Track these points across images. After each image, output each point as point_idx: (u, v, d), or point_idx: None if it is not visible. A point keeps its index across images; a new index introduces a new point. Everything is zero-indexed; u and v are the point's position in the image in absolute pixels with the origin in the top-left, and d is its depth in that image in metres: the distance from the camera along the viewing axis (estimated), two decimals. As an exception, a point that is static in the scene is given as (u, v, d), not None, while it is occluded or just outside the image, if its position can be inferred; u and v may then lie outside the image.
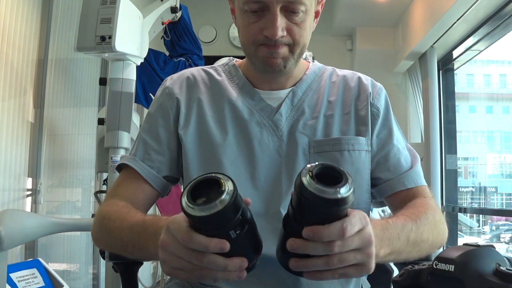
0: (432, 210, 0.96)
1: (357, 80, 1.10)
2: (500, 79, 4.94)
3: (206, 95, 1.07)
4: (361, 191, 1.02)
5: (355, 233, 0.70)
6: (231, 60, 1.16)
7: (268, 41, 0.96)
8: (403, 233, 0.86)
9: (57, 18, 2.76)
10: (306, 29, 0.98)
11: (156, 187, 1.06)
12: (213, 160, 1.01)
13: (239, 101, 1.05)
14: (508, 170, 4.85)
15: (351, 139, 1.02)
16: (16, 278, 1.79)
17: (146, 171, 1.05)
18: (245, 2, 0.95)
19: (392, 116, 1.09)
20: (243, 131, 1.03)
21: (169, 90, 1.09)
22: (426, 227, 0.91)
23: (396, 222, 0.86)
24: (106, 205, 1.03)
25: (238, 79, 1.09)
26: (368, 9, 4.21)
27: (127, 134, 2.19)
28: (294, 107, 1.05)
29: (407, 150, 1.09)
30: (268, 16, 0.95)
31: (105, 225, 0.98)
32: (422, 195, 1.02)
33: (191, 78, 1.10)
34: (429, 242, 0.93)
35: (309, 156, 1.01)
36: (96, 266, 3.21)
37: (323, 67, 1.14)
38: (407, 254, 0.90)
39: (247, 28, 0.98)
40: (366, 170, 1.04)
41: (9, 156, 2.31)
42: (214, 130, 1.03)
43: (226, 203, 0.65)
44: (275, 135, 1.03)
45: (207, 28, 4.78)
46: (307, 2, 0.95)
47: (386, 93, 1.11)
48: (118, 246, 0.95)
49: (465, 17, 3.25)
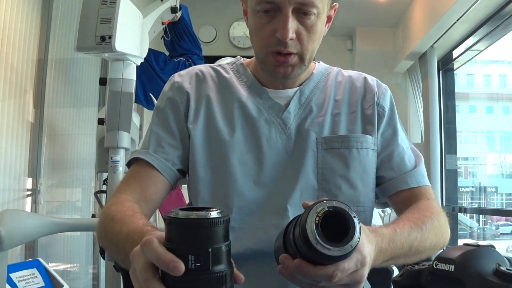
0: (437, 214, 0.96)
1: (363, 80, 1.12)
2: (500, 79, 4.94)
3: (214, 92, 1.08)
4: (367, 190, 1.03)
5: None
6: (239, 59, 1.16)
7: (279, 44, 0.96)
8: (407, 242, 0.86)
9: (57, 18, 2.76)
10: (316, 33, 0.99)
11: (169, 179, 1.04)
12: (221, 156, 1.01)
13: (247, 99, 1.06)
14: (508, 170, 4.85)
15: (359, 137, 1.03)
16: (16, 278, 1.79)
17: (161, 164, 1.03)
18: (258, 2, 0.96)
19: (396, 116, 1.10)
20: (252, 128, 1.03)
21: (178, 85, 1.09)
22: (430, 234, 0.91)
23: (403, 231, 0.86)
24: (113, 203, 1.01)
25: (246, 78, 1.10)
26: (368, 9, 4.21)
27: (127, 134, 2.19)
28: (302, 105, 1.06)
29: (411, 150, 1.10)
30: (279, 17, 0.95)
31: (107, 226, 0.97)
32: (426, 197, 1.03)
33: (200, 74, 1.11)
34: (431, 247, 0.93)
35: (317, 153, 1.01)
36: (96, 266, 3.21)
37: (329, 68, 1.15)
38: (406, 259, 0.91)
39: (259, 31, 0.99)
40: (372, 169, 1.04)
41: (9, 156, 2.31)
42: (222, 127, 1.03)
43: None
44: (284, 133, 1.03)
45: (207, 28, 4.77)
46: (320, 5, 0.96)
47: (391, 93, 1.12)
48: (113, 250, 0.93)
49: (465, 17, 3.25)
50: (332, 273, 0.68)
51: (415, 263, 0.89)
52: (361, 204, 1.01)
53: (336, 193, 0.99)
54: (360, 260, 0.71)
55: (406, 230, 0.87)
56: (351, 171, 1.00)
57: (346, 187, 1.00)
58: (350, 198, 0.99)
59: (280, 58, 0.98)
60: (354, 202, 1.00)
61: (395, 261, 0.87)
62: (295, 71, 1.01)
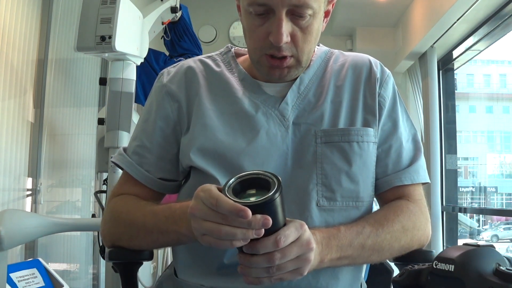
0: (404, 217, 0.96)
1: (366, 63, 1.07)
2: (500, 79, 4.94)
3: (205, 89, 1.04)
4: (367, 184, 1.00)
5: (292, 242, 0.75)
6: (230, 50, 1.11)
7: (273, 48, 0.93)
8: (357, 240, 0.89)
9: (57, 18, 2.76)
10: (312, 33, 0.95)
11: (156, 189, 1.05)
12: (219, 154, 0.97)
13: (241, 95, 1.02)
14: (508, 170, 4.85)
15: (360, 130, 0.99)
16: (16, 278, 1.79)
17: (143, 176, 1.03)
18: (250, 4, 0.92)
19: (398, 106, 1.06)
20: (250, 124, 0.99)
21: (167, 90, 1.05)
22: (388, 235, 0.93)
23: (351, 229, 0.90)
24: (115, 202, 1.03)
25: (237, 72, 1.06)
26: (368, 9, 4.21)
27: (127, 134, 2.18)
28: (301, 95, 1.02)
29: (412, 141, 1.06)
30: (273, 20, 0.91)
31: (123, 219, 0.98)
32: (407, 197, 1.01)
33: (189, 73, 1.07)
34: (394, 249, 0.94)
35: (317, 147, 0.98)
36: (96, 266, 3.21)
37: (329, 51, 1.10)
38: (365, 259, 0.94)
39: (252, 33, 0.96)
40: (372, 163, 1.01)
41: (9, 156, 2.31)
42: (218, 127, 0.99)
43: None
44: (282, 125, 0.99)
45: (207, 28, 4.77)
46: (315, 5, 0.92)
47: (393, 80, 1.08)
48: (141, 235, 0.96)
49: (465, 17, 3.25)
50: (276, 239, 0.73)
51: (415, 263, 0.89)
52: (360, 199, 0.99)
53: (335, 188, 0.96)
54: (299, 226, 0.76)
55: (355, 229, 0.90)
56: (352, 165, 0.97)
57: (346, 181, 0.97)
58: (350, 193, 0.97)
59: (275, 61, 0.95)
60: (354, 197, 0.98)
61: (351, 260, 0.90)
62: (291, 72, 0.98)
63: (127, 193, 1.04)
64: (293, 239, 0.75)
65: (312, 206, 0.95)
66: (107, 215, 1.03)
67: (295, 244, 0.76)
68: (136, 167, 1.04)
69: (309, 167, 0.97)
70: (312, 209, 0.95)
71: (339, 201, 0.97)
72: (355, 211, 0.98)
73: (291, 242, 0.75)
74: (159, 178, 1.04)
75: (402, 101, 1.08)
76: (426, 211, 1.02)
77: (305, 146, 0.98)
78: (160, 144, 1.04)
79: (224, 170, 0.96)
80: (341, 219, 0.95)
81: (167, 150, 1.04)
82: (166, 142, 1.04)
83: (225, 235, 0.72)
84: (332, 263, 0.88)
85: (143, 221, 0.94)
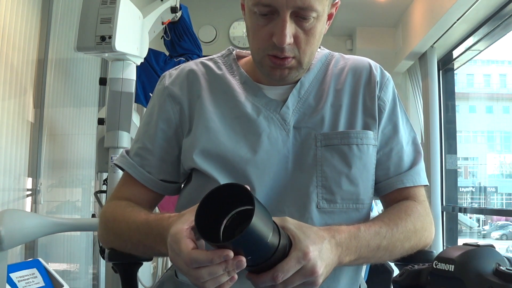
0: (414, 217, 0.96)
1: (366, 67, 1.07)
2: (500, 79, 4.94)
3: (207, 91, 1.04)
4: (367, 187, 1.01)
5: (294, 273, 0.74)
6: (231, 52, 1.11)
7: (276, 48, 0.93)
8: (374, 241, 0.88)
9: (57, 18, 2.76)
10: (315, 35, 0.95)
11: (156, 190, 1.05)
12: (222, 158, 0.97)
13: (243, 98, 1.02)
14: (508, 170, 4.85)
15: (360, 133, 1.00)
16: (16, 278, 1.78)
17: (145, 177, 1.03)
18: (255, 4, 0.92)
19: (398, 109, 1.06)
20: (251, 127, 0.99)
21: (169, 92, 1.05)
22: (402, 235, 0.93)
23: (370, 229, 0.89)
24: (109, 207, 1.03)
25: (239, 75, 1.06)
26: (368, 9, 4.21)
27: (127, 134, 2.19)
28: (301, 99, 1.02)
29: (412, 144, 1.06)
30: (277, 21, 0.91)
31: (112, 228, 0.99)
32: (414, 198, 1.02)
33: (191, 75, 1.06)
34: (404, 249, 0.94)
35: (317, 150, 0.98)
36: (96, 266, 3.21)
37: (330, 54, 1.11)
38: (377, 259, 0.93)
39: (256, 33, 0.96)
40: (372, 166, 1.01)
41: (9, 156, 2.31)
42: (221, 130, 0.99)
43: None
44: (283, 129, 1.00)
45: (207, 28, 4.77)
46: (319, 8, 0.92)
47: (393, 84, 1.08)
48: (128, 247, 0.97)
49: (465, 17, 3.25)
50: (273, 275, 0.72)
51: (415, 263, 0.89)
52: (360, 201, 0.99)
53: (335, 190, 0.97)
54: (302, 256, 0.74)
55: (373, 229, 0.89)
56: (351, 168, 0.98)
57: (346, 184, 0.98)
58: (350, 195, 0.98)
59: (277, 61, 0.95)
60: (354, 199, 0.98)
61: (364, 260, 0.90)
62: (292, 73, 0.98)
63: (125, 196, 1.04)
64: (295, 271, 0.74)
65: (312, 208, 0.95)
66: (100, 220, 1.04)
67: (298, 274, 0.75)
68: (137, 169, 1.04)
69: (310, 170, 0.97)
70: (312, 211, 0.95)
71: (339, 203, 0.97)
72: (355, 213, 0.99)
73: (294, 273, 0.75)
74: (161, 179, 1.05)
75: (402, 104, 1.09)
76: (430, 212, 1.03)
77: (306, 150, 0.99)
78: (162, 146, 1.04)
79: (226, 173, 0.97)
80: (341, 221, 0.95)
81: (169, 152, 1.04)
82: (168, 144, 1.04)
83: (206, 276, 0.70)
84: (349, 264, 0.88)
85: (129, 234, 0.94)
